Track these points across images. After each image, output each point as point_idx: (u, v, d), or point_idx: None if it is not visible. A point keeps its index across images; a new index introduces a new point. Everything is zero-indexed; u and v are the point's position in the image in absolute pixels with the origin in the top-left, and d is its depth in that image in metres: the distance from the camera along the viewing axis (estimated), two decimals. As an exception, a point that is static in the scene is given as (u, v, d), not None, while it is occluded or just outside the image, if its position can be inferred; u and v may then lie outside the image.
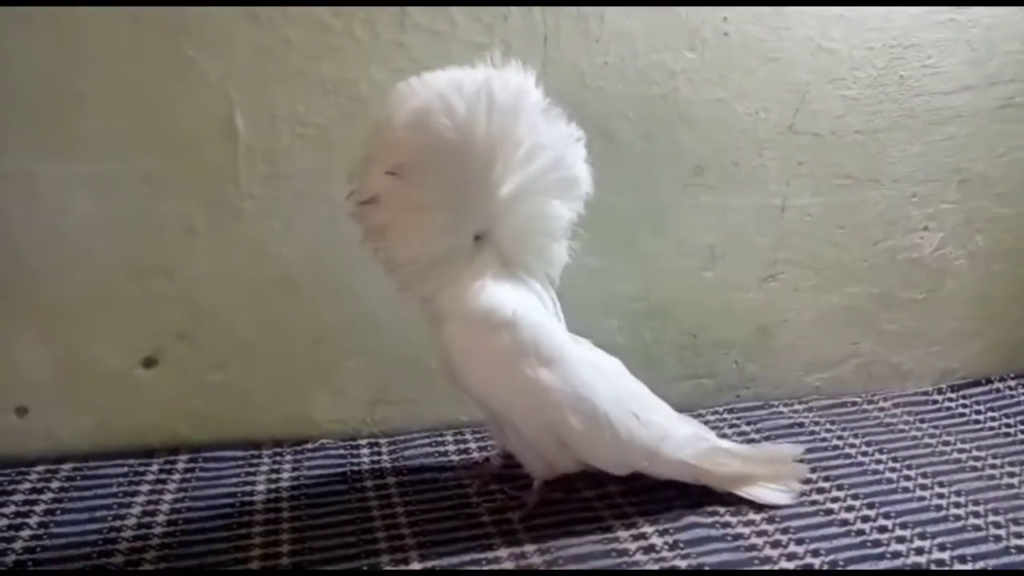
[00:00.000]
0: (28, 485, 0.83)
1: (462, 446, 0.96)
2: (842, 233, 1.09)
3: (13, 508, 0.78)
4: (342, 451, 0.94)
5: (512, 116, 0.71)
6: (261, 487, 0.85)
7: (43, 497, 0.81)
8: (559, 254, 0.81)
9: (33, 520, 0.76)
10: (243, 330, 0.94)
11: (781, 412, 1.06)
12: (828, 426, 1.01)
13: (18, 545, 0.72)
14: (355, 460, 0.92)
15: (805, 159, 1.05)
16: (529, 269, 0.80)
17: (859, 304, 1.12)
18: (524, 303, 0.77)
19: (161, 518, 0.78)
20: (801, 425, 1.02)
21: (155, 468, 0.88)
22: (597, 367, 0.82)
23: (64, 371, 0.91)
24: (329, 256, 0.93)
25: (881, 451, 0.94)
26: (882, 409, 1.08)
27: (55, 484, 0.83)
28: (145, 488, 0.83)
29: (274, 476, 0.87)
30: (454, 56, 0.83)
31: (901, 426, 1.02)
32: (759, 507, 0.80)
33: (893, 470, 0.89)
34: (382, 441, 0.97)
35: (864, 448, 0.95)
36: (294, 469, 0.89)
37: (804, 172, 1.06)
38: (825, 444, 0.96)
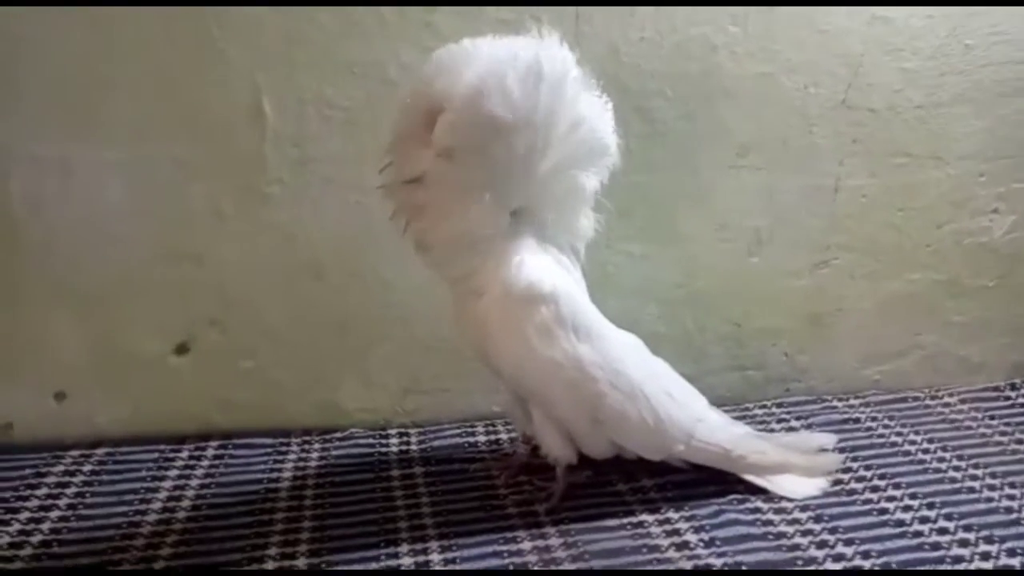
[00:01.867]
0: (61, 468, 0.84)
1: (492, 437, 0.93)
2: (902, 215, 1.02)
3: (45, 490, 0.79)
4: (371, 440, 0.92)
5: (557, 91, 0.69)
6: (287, 475, 0.83)
7: (75, 480, 0.81)
8: (587, 226, 0.78)
9: (63, 502, 0.77)
10: (273, 317, 0.93)
11: (835, 407, 1.00)
12: (886, 422, 0.94)
13: (46, 526, 0.73)
14: (383, 449, 0.90)
15: (860, 136, 0.99)
16: (560, 244, 0.78)
17: (921, 292, 1.04)
18: (561, 278, 0.75)
19: (186, 503, 0.77)
20: (856, 421, 0.95)
21: (185, 454, 0.87)
22: (630, 345, 0.80)
23: (100, 357, 0.92)
24: (357, 242, 0.92)
25: (944, 448, 0.87)
26: (947, 405, 1.00)
27: (87, 468, 0.84)
28: (173, 474, 0.83)
29: (301, 464, 0.86)
30: (483, 33, 0.80)
31: (968, 423, 0.94)
32: (804, 504, 0.74)
33: (957, 469, 0.82)
34: (412, 431, 0.95)
35: (926, 445, 0.88)
36: (321, 458, 0.88)
37: (859, 150, 0.99)
38: (882, 440, 0.89)
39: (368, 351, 0.96)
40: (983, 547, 0.67)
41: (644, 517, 0.73)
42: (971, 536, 0.69)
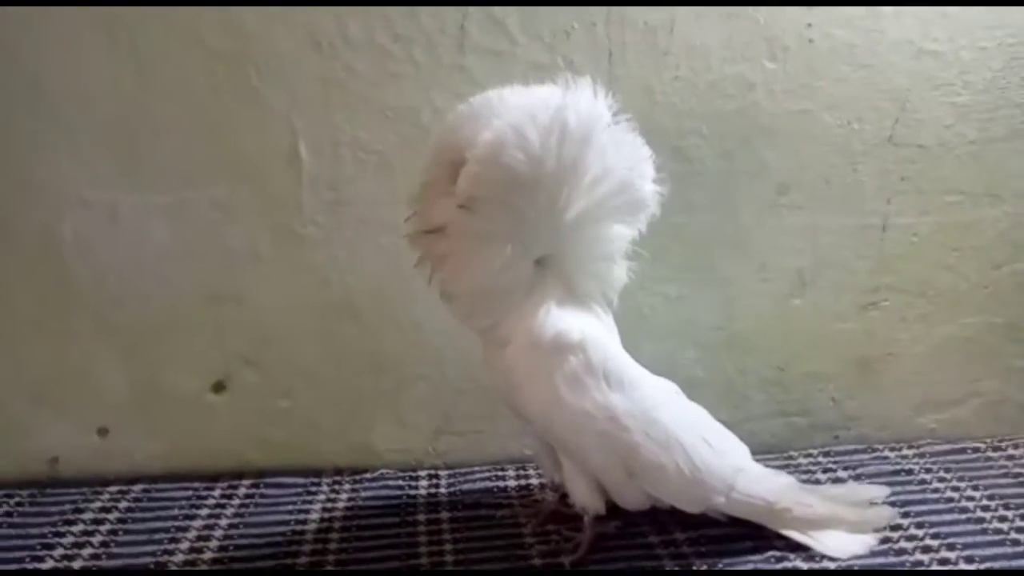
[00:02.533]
0: (99, 504, 0.85)
1: (523, 482, 0.91)
2: (956, 256, 0.97)
3: (81, 527, 0.81)
4: (400, 482, 0.91)
5: (583, 144, 0.68)
6: (315, 516, 0.83)
7: (110, 517, 0.83)
8: (619, 275, 0.77)
9: (97, 539, 0.78)
10: (308, 357, 0.94)
11: (886, 457, 0.94)
12: (942, 474, 0.89)
13: (77, 564, 0.74)
14: (412, 492, 0.89)
15: (908, 174, 0.95)
16: (591, 292, 0.76)
17: (979, 336, 0.99)
18: (591, 326, 0.73)
19: (213, 544, 0.78)
20: (909, 472, 0.89)
21: (217, 493, 0.88)
22: (665, 391, 0.77)
23: (141, 394, 0.94)
24: (390, 284, 0.92)
25: (1007, 506, 0.80)
26: (1011, 458, 0.93)
27: (123, 504, 0.85)
28: (204, 513, 0.84)
29: (329, 505, 0.86)
30: (515, 77, 0.80)
31: (1034, 478, 0.88)
32: (848, 566, 0.70)
33: (1021, 530, 0.76)
34: (442, 473, 0.94)
35: (985, 502, 0.82)
36: (350, 499, 0.87)
37: (907, 188, 0.95)
38: (936, 496, 0.84)
39: (401, 392, 0.96)
40: (1046, 619, 0.62)
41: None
42: (1032, 606, 0.63)
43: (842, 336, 0.98)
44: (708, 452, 0.73)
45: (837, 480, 0.88)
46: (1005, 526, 0.77)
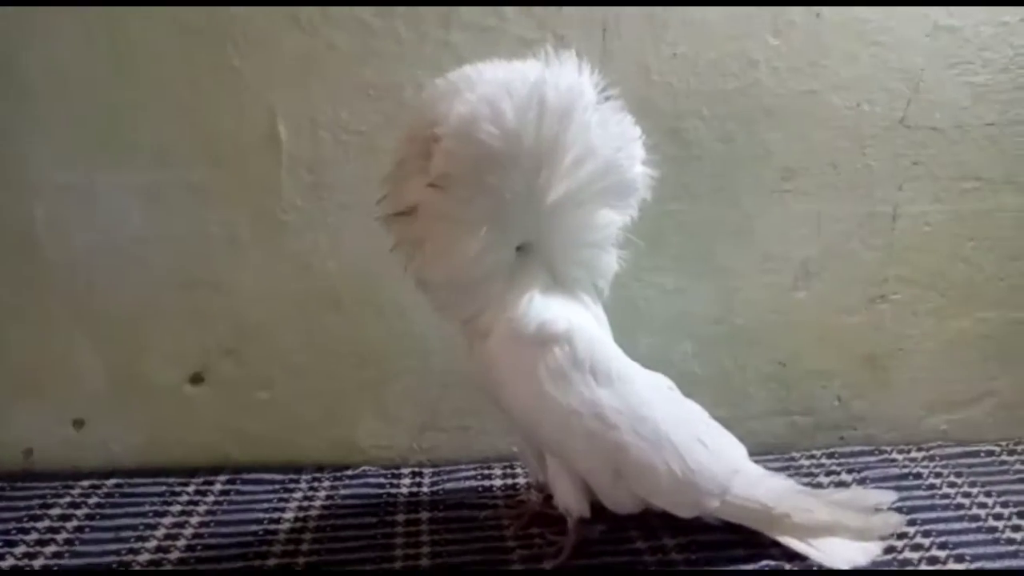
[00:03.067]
0: (68, 499, 0.82)
1: (509, 481, 0.87)
2: (972, 246, 0.91)
3: (47, 523, 0.78)
4: (382, 480, 0.88)
5: (563, 121, 0.63)
6: (290, 514, 0.80)
7: (78, 513, 0.80)
8: (609, 263, 0.72)
9: (61, 536, 0.75)
10: (288, 347, 0.91)
11: (894, 460, 0.89)
12: (952, 479, 0.84)
13: (38, 562, 0.71)
14: (393, 490, 0.85)
15: (921, 158, 0.89)
16: (578, 281, 0.72)
17: (996, 332, 0.93)
18: (578, 316, 0.69)
19: (181, 543, 0.74)
20: (917, 476, 0.85)
21: (191, 489, 0.85)
22: (657, 387, 0.73)
23: (117, 384, 0.91)
24: (374, 271, 0.88)
25: (1021, 515, 0.76)
26: (1027, 461, 0.88)
27: (93, 500, 0.82)
28: (176, 510, 0.81)
29: (306, 504, 0.82)
30: (503, 54, 0.75)
31: (1053, 483, 0.83)
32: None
33: (1035, 540, 0.71)
34: (426, 471, 0.90)
35: (998, 509, 0.77)
36: (328, 497, 0.84)
37: (920, 174, 0.90)
38: (946, 502, 0.79)
39: (385, 384, 0.92)
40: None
41: (661, 582, 0.66)
42: (1047, 625, 0.59)
43: (849, 331, 0.93)
44: (702, 452, 0.69)
45: (840, 484, 0.84)
46: (1019, 536, 0.72)
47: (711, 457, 0.69)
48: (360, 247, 0.88)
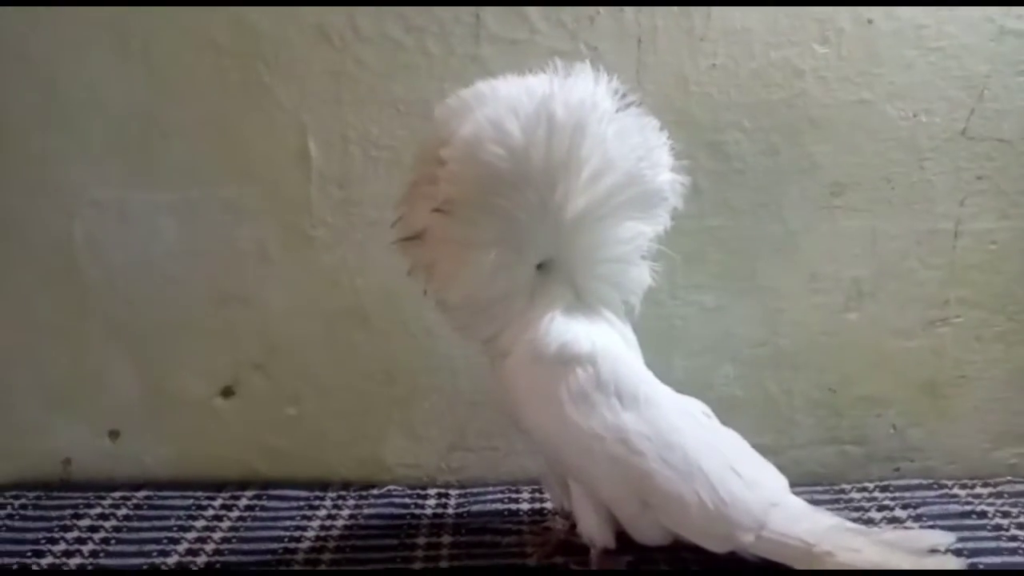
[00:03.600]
0: (99, 511, 0.83)
1: (537, 505, 0.84)
2: (1044, 266, 0.84)
3: (76, 533, 0.78)
4: (407, 500, 0.86)
5: (576, 135, 0.61)
6: (311, 533, 0.78)
7: (106, 524, 0.80)
8: (639, 277, 0.69)
9: (87, 548, 0.76)
10: (316, 363, 0.90)
11: (956, 496, 0.82)
12: (1021, 520, 0.76)
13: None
14: (417, 511, 0.83)
15: (986, 172, 0.83)
16: (604, 298, 0.69)
17: (1073, 359, 0.86)
18: (602, 335, 0.66)
19: (202, 559, 0.74)
20: (981, 515, 0.78)
21: (218, 503, 0.85)
22: (688, 412, 0.68)
23: (151, 397, 0.92)
24: (401, 289, 0.85)
25: (1098, 562, 0.68)
26: (1107, 502, 0.80)
27: (122, 512, 0.83)
28: (200, 524, 0.80)
29: (328, 523, 0.81)
30: (534, 67, 0.74)
31: None
32: (895, 626, 0.60)
33: (1114, 592, 0.64)
34: (452, 492, 0.88)
35: (1071, 555, 0.70)
36: (351, 516, 0.82)
37: (985, 188, 0.83)
38: (1014, 545, 0.72)
39: (413, 403, 0.90)
40: None
41: (689, 623, 0.62)
42: None
43: (905, 355, 0.86)
44: (736, 483, 0.64)
45: (894, 520, 0.78)
46: (1095, 587, 0.65)
47: (746, 488, 0.65)
48: (388, 264, 0.85)
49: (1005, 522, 0.76)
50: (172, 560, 0.73)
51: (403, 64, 0.84)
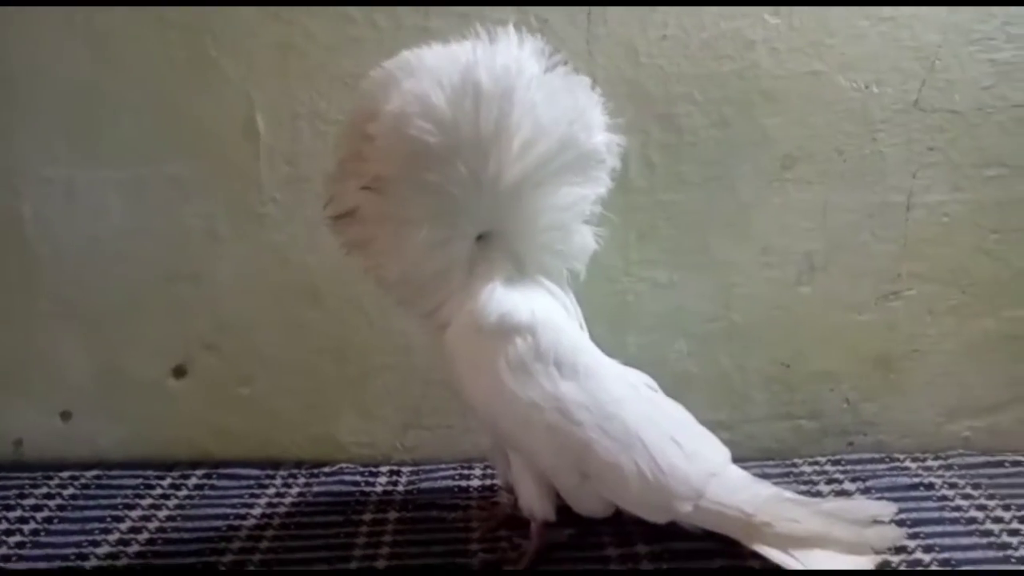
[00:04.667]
0: (45, 490, 0.82)
1: (488, 482, 0.83)
2: (996, 239, 0.84)
3: (20, 512, 0.78)
4: (358, 477, 0.85)
5: (504, 104, 0.60)
6: (257, 511, 0.78)
7: (51, 504, 0.79)
8: (583, 243, 0.68)
9: (29, 527, 0.75)
10: (269, 342, 0.89)
11: (907, 468, 0.82)
12: (968, 491, 0.76)
13: (1, 551, 0.71)
14: (367, 489, 0.83)
15: (938, 144, 0.82)
16: (546, 268, 0.68)
17: (1025, 332, 0.85)
18: (543, 306, 0.65)
19: (143, 536, 0.73)
20: (929, 487, 0.77)
21: (167, 482, 0.84)
22: (629, 383, 0.68)
23: (103, 377, 0.91)
24: (352, 266, 0.84)
25: (1041, 532, 0.68)
26: (1058, 474, 0.80)
27: (68, 491, 0.82)
28: (146, 503, 0.80)
29: (276, 500, 0.80)
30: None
31: (1083, 499, 0.74)
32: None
33: (1053, 560, 0.64)
34: (404, 470, 0.87)
35: (1015, 525, 0.70)
36: (300, 494, 0.81)
37: (938, 160, 0.83)
38: (957, 515, 0.72)
39: (367, 381, 0.90)
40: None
41: (626, 593, 0.62)
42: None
43: (858, 329, 0.86)
44: (676, 453, 0.64)
45: (842, 492, 0.77)
46: (1035, 555, 0.65)
47: (685, 459, 0.64)
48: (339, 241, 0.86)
49: (951, 493, 0.76)
50: (113, 537, 0.73)
51: (352, 37, 0.83)
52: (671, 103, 0.83)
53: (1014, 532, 0.68)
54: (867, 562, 0.63)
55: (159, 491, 0.82)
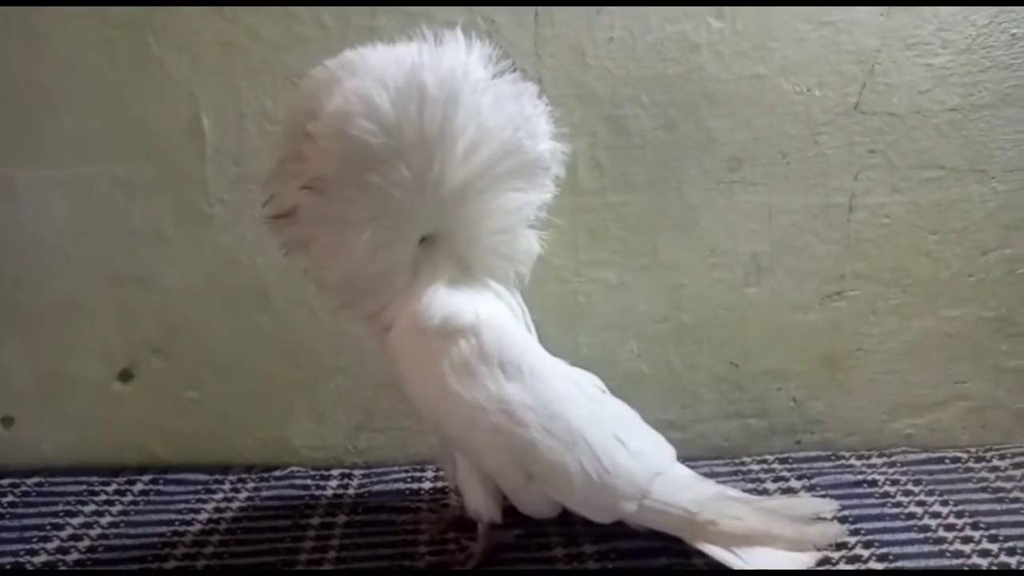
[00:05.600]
0: (-17, 498, 0.80)
1: (439, 484, 0.83)
2: (935, 240, 0.86)
3: (-44, 521, 0.76)
4: (308, 481, 0.84)
5: (448, 107, 0.59)
6: (204, 516, 0.77)
7: (-11, 512, 0.78)
8: (527, 247, 0.68)
9: (-36, 536, 0.73)
10: (218, 345, 0.88)
11: (851, 465, 0.84)
12: (909, 487, 0.78)
13: (-67, 562, 0.69)
14: (317, 492, 0.82)
15: (878, 146, 0.84)
16: (491, 270, 0.68)
17: (964, 332, 0.88)
18: (487, 307, 0.65)
19: (84, 544, 0.72)
20: (872, 483, 0.79)
21: (111, 488, 0.83)
22: (574, 383, 0.68)
23: (46, 382, 0.89)
24: (300, 267, 0.85)
25: (975, 526, 0.70)
26: (995, 469, 0.82)
27: (8, 499, 0.80)
28: (89, 509, 0.78)
29: (223, 505, 0.79)
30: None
31: (1017, 493, 0.76)
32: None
33: (986, 553, 0.66)
34: (356, 472, 0.87)
35: (951, 520, 0.71)
36: (248, 498, 0.81)
37: (878, 162, 0.85)
38: (897, 511, 0.73)
39: (318, 384, 0.89)
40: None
41: (571, 592, 0.62)
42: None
43: (804, 329, 0.88)
44: (620, 452, 0.65)
45: (788, 490, 0.79)
46: (968, 548, 0.66)
47: (630, 458, 0.65)
48: None
49: (893, 489, 0.78)
50: (52, 545, 0.71)
51: (297, 36, 0.82)
52: (618, 105, 0.83)
53: (950, 527, 0.70)
54: (809, 559, 0.64)
55: (103, 497, 0.81)
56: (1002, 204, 0.85)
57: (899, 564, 0.64)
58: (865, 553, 0.66)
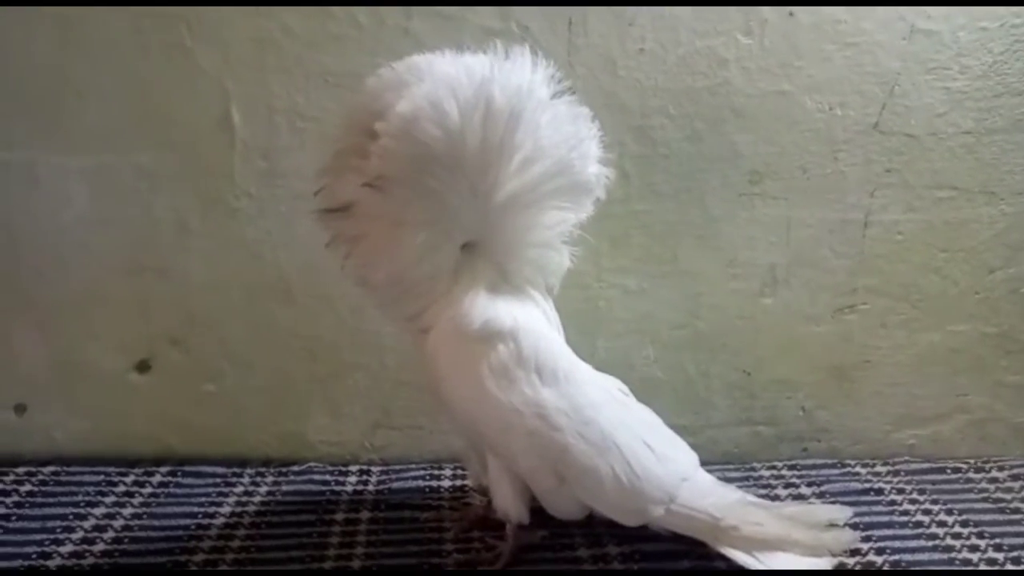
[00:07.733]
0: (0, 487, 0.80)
1: (458, 482, 0.84)
2: (945, 257, 0.89)
3: (-26, 509, 0.75)
4: (327, 477, 0.85)
5: (511, 122, 0.61)
6: (226, 510, 0.77)
7: (7, 500, 0.77)
8: (559, 261, 0.70)
9: (-14, 524, 0.73)
10: (237, 339, 0.88)
11: (857, 473, 0.87)
12: (915, 496, 0.81)
13: (-43, 550, 0.69)
14: (337, 488, 0.83)
15: (895, 165, 0.87)
16: (528, 278, 0.70)
17: (968, 347, 0.91)
18: (525, 313, 0.67)
19: (109, 535, 0.72)
20: (879, 492, 0.82)
21: (130, 479, 0.82)
22: (605, 389, 0.70)
23: (62, 371, 0.88)
24: (325, 263, 0.84)
25: (980, 535, 0.73)
26: (994, 480, 0.85)
27: (25, 488, 0.80)
28: (109, 500, 0.78)
29: (245, 499, 0.79)
30: (465, 43, 0.73)
31: (1018, 504, 0.79)
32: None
33: (992, 563, 0.68)
34: (374, 469, 0.87)
35: (957, 529, 0.74)
36: (269, 493, 0.81)
37: (894, 181, 0.87)
38: (905, 519, 0.76)
39: (336, 380, 0.89)
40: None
41: (598, 593, 0.64)
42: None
43: (816, 340, 0.90)
44: (649, 458, 0.66)
45: (799, 497, 0.81)
46: (975, 556, 0.69)
47: (658, 463, 0.67)
48: (313, 238, 0.83)
49: (899, 498, 0.80)
50: (77, 536, 0.71)
51: (332, 34, 0.82)
52: (646, 116, 0.85)
53: (956, 535, 0.73)
54: (825, 563, 0.66)
55: (122, 488, 0.81)
56: (1009, 225, 0.88)
57: (912, 570, 0.66)
58: (879, 560, 0.68)
